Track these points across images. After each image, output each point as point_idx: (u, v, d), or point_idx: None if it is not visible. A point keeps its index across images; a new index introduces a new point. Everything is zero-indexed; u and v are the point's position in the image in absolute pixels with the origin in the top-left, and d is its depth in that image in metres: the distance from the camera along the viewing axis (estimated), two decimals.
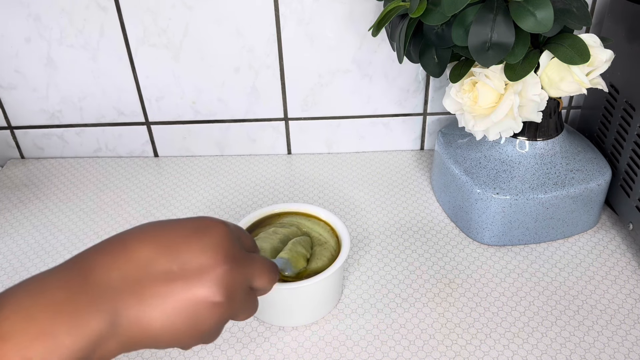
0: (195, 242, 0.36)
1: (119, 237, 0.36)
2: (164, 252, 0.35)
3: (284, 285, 0.53)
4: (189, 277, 0.35)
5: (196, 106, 0.80)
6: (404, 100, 0.79)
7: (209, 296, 0.35)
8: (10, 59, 0.75)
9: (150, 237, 0.36)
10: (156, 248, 0.35)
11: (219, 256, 0.36)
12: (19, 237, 0.70)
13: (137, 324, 0.34)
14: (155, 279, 0.34)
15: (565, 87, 0.57)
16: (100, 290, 0.33)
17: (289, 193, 0.76)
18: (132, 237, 0.36)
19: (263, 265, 0.40)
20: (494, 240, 0.66)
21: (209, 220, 0.38)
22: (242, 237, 0.40)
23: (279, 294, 0.55)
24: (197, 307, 0.35)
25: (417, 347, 0.55)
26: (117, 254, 0.35)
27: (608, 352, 0.54)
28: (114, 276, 0.34)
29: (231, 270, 0.36)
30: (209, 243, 0.36)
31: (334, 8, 0.72)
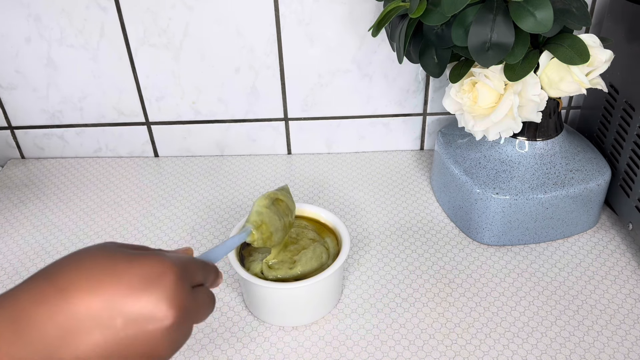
0: (145, 296, 0.33)
1: (55, 282, 0.33)
2: (108, 307, 0.32)
3: (284, 285, 0.53)
4: (134, 333, 0.33)
5: (196, 106, 0.80)
6: (404, 100, 0.80)
7: (154, 352, 0.34)
8: (11, 59, 0.76)
9: (93, 289, 0.32)
10: (100, 302, 0.32)
11: (170, 310, 0.33)
12: (19, 237, 0.70)
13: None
14: (97, 335, 0.32)
15: (564, 87, 0.57)
16: (36, 349, 0.31)
17: None
18: (72, 287, 0.32)
19: (206, 302, 0.38)
20: (493, 240, 0.66)
21: (159, 264, 0.34)
22: (190, 271, 0.37)
23: (279, 294, 0.55)
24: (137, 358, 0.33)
25: (417, 347, 0.55)
26: (57, 307, 0.32)
27: (608, 351, 0.54)
28: (52, 332, 0.31)
29: (180, 323, 0.34)
30: (159, 297, 0.33)
31: (334, 8, 0.72)
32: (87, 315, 0.32)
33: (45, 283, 0.33)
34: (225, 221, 0.72)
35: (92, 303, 0.32)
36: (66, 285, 0.32)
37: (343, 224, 0.59)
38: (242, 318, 0.59)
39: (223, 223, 0.72)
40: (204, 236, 0.69)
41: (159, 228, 0.71)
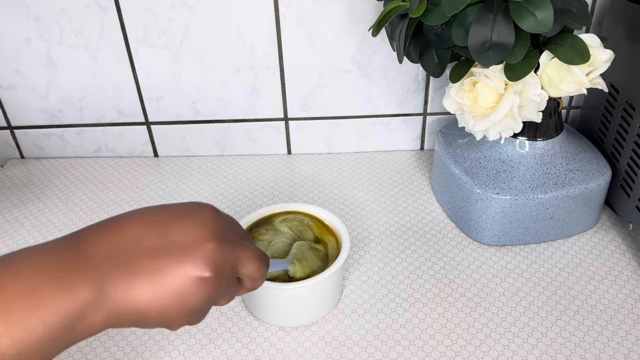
0: (186, 220, 0.37)
1: (115, 217, 0.37)
2: (154, 229, 0.36)
3: (284, 285, 0.53)
4: (178, 253, 0.35)
5: (196, 106, 0.80)
6: (404, 100, 0.79)
7: (198, 272, 0.35)
8: (10, 59, 0.75)
9: (141, 216, 0.37)
10: (146, 225, 0.36)
11: (208, 234, 0.37)
12: (19, 237, 0.70)
13: (124, 297, 0.34)
14: (144, 254, 0.35)
15: (565, 87, 0.57)
16: (89, 261, 0.34)
17: (289, 193, 0.76)
18: (124, 216, 0.37)
19: (253, 252, 0.40)
20: (494, 240, 0.66)
21: (199, 203, 0.39)
22: (232, 224, 0.41)
23: (279, 294, 0.55)
24: (185, 282, 0.35)
25: (417, 347, 0.55)
26: (109, 230, 0.36)
27: (608, 352, 0.54)
28: (103, 249, 0.34)
29: (220, 249, 0.37)
30: (198, 222, 0.37)
31: (334, 8, 0.72)
32: (137, 236, 0.36)
33: (109, 218, 0.37)
34: None
35: (140, 226, 0.36)
36: (122, 216, 0.37)
37: (343, 224, 0.59)
38: (242, 318, 0.59)
39: None
40: None
41: None
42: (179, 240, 0.36)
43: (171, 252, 0.35)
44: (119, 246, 0.35)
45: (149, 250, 0.35)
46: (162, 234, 0.36)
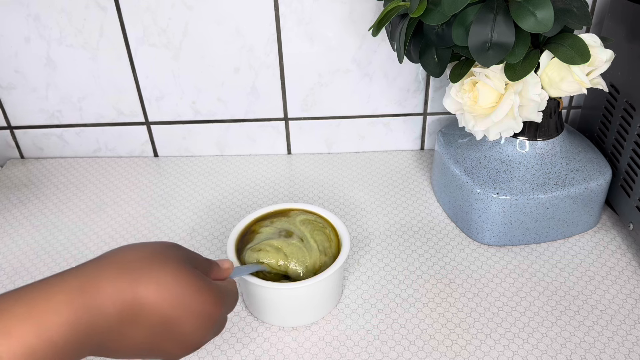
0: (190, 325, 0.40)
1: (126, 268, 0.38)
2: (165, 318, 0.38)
3: (284, 285, 0.53)
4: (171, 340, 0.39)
5: (196, 106, 0.80)
6: (404, 100, 0.79)
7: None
8: (10, 59, 0.75)
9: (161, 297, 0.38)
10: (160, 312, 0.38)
11: (203, 340, 0.42)
12: (19, 237, 0.70)
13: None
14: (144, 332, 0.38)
15: (565, 87, 0.57)
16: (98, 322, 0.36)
17: (289, 193, 0.76)
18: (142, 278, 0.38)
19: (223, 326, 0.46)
20: (494, 240, 0.66)
21: (209, 299, 0.41)
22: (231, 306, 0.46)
23: (279, 294, 0.55)
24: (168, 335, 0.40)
25: (417, 348, 0.55)
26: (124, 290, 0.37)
27: (608, 352, 0.54)
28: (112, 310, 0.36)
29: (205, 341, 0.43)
30: (206, 331, 0.41)
31: (334, 8, 0.71)
32: (148, 310, 0.37)
33: (113, 269, 0.37)
34: (225, 221, 0.72)
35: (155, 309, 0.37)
36: (137, 276, 0.37)
37: (343, 224, 0.59)
38: (242, 318, 0.59)
39: (223, 223, 0.71)
40: (203, 236, 0.69)
41: (158, 228, 0.71)
42: (171, 344, 0.39)
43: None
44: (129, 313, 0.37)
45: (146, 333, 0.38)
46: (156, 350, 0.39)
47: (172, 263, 0.39)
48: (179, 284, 0.38)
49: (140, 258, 0.38)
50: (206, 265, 0.44)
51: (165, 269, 0.38)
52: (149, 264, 0.38)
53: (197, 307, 0.39)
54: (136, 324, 0.37)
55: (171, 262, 0.39)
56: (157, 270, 0.38)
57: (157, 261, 0.39)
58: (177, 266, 0.39)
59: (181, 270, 0.39)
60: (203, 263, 0.43)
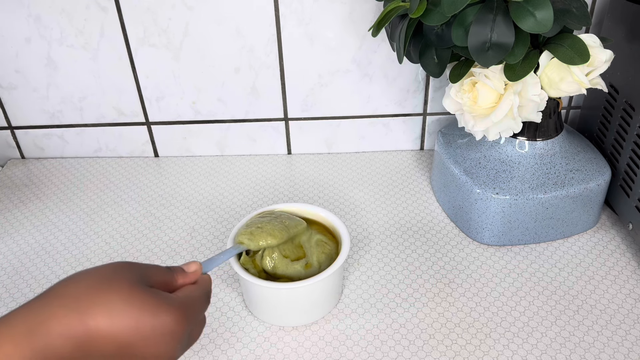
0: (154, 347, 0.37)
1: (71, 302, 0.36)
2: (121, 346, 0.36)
3: (285, 285, 0.53)
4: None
5: (196, 106, 0.80)
6: (404, 100, 0.80)
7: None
8: (11, 59, 0.76)
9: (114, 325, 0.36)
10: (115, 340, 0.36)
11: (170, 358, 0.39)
12: (19, 237, 0.70)
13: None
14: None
15: (565, 87, 0.57)
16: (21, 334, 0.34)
17: (289, 193, 0.76)
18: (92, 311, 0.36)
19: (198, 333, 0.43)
20: (493, 240, 0.66)
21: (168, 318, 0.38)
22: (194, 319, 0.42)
23: (278, 294, 0.55)
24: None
25: (417, 347, 0.55)
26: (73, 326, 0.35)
27: (608, 351, 0.54)
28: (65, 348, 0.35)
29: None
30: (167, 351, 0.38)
31: (334, 8, 0.72)
32: (103, 342, 0.35)
33: (59, 306, 0.35)
34: (225, 221, 0.72)
35: (109, 339, 0.35)
36: (85, 309, 0.35)
37: (343, 224, 0.59)
38: (242, 318, 0.59)
39: (223, 223, 0.72)
40: (203, 236, 0.69)
41: (159, 228, 0.71)
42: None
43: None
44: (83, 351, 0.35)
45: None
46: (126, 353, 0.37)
47: (123, 287, 0.37)
48: (132, 309, 0.36)
49: (87, 287, 0.36)
50: (168, 277, 0.42)
51: (115, 295, 0.36)
52: (97, 293, 0.36)
53: (156, 329, 0.37)
54: (91, 358, 0.35)
55: (122, 285, 0.37)
56: (106, 298, 0.36)
57: (106, 288, 0.36)
58: (129, 289, 0.37)
59: (133, 293, 0.37)
60: (163, 276, 0.41)
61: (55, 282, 0.36)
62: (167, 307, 0.38)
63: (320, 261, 0.57)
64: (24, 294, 0.62)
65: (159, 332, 0.37)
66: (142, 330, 0.36)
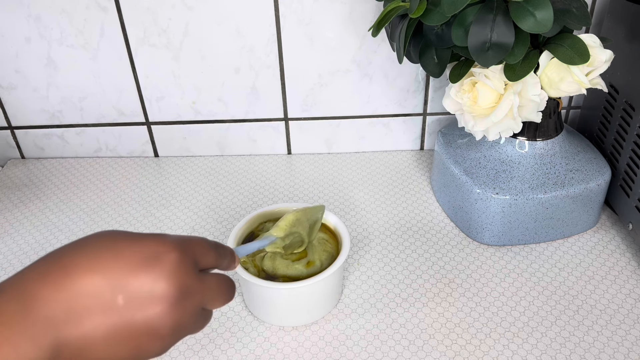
0: (144, 274, 0.33)
1: (61, 262, 0.34)
2: (110, 285, 0.33)
3: (284, 285, 0.53)
4: (133, 311, 0.33)
5: (196, 106, 0.80)
6: (404, 100, 0.80)
7: (153, 329, 0.34)
8: (11, 59, 0.76)
9: (96, 267, 0.33)
10: (101, 280, 0.33)
11: (169, 288, 0.34)
12: (19, 237, 0.70)
13: (80, 356, 0.33)
14: (98, 313, 0.33)
15: (565, 87, 0.57)
16: (42, 326, 0.31)
17: (289, 193, 0.76)
18: (75, 265, 0.33)
19: (218, 287, 0.38)
20: (493, 240, 0.66)
21: (160, 245, 0.35)
22: (198, 255, 0.37)
23: (279, 294, 0.55)
24: (141, 339, 0.34)
25: (416, 347, 0.55)
26: (61, 285, 0.32)
27: (608, 351, 0.54)
28: (57, 310, 0.32)
29: (181, 303, 0.35)
30: (158, 275, 0.34)
31: (334, 8, 0.72)
32: (90, 293, 0.33)
33: (49, 263, 0.34)
34: (225, 221, 0.72)
35: (93, 280, 0.33)
36: (69, 264, 0.33)
37: (343, 224, 0.59)
38: (242, 318, 0.59)
39: (223, 223, 0.72)
40: (203, 236, 0.69)
41: (159, 228, 0.71)
42: (135, 297, 0.33)
43: (127, 311, 0.33)
44: (73, 306, 0.32)
45: (104, 308, 0.33)
46: (117, 290, 0.33)
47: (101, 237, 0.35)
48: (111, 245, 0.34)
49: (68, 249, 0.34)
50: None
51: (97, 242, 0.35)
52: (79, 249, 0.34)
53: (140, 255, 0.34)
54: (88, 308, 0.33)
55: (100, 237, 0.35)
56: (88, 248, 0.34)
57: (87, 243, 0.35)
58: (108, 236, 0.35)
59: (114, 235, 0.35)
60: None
61: None
62: (153, 236, 0.36)
63: (322, 259, 0.57)
64: None
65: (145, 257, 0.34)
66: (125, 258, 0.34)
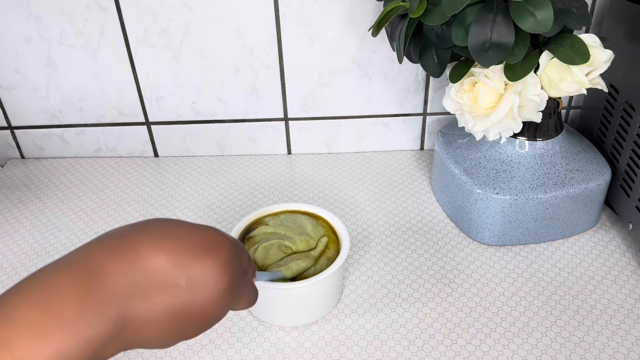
0: (206, 259, 0.36)
1: (129, 239, 0.35)
2: (175, 265, 0.35)
3: (284, 285, 0.53)
4: (193, 292, 0.36)
5: (196, 106, 0.80)
6: (404, 100, 0.80)
7: (205, 312, 0.37)
8: (11, 59, 0.76)
9: (162, 246, 0.35)
10: (168, 258, 0.35)
11: (224, 277, 0.37)
12: (19, 237, 0.70)
13: (139, 330, 0.34)
14: (163, 291, 0.35)
15: (565, 87, 0.57)
16: (111, 299, 0.33)
17: (289, 193, 0.76)
18: (143, 243, 0.35)
19: (250, 292, 0.42)
20: (493, 240, 0.66)
21: (218, 235, 0.38)
22: (242, 256, 0.41)
23: (279, 294, 0.55)
24: (190, 319, 0.36)
25: (417, 347, 0.55)
26: (129, 261, 0.34)
27: (608, 351, 0.54)
28: (125, 284, 0.34)
29: (229, 292, 0.38)
30: (217, 262, 0.37)
31: (334, 8, 0.72)
32: (156, 271, 0.34)
33: (117, 239, 0.35)
34: (225, 221, 0.72)
35: (160, 259, 0.35)
36: (136, 241, 0.35)
37: (343, 224, 0.59)
38: (242, 318, 0.59)
39: (223, 223, 0.72)
40: None
41: None
42: (196, 279, 0.36)
43: (187, 292, 0.36)
44: (140, 281, 0.34)
45: (167, 286, 0.35)
46: (181, 271, 0.35)
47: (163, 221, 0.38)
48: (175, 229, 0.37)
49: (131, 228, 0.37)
50: None
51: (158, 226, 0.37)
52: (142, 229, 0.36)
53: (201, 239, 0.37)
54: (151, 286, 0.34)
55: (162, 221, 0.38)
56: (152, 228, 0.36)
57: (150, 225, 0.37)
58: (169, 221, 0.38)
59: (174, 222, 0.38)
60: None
61: None
62: (210, 227, 0.39)
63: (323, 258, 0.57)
64: None
65: (205, 243, 0.37)
66: (187, 241, 0.36)
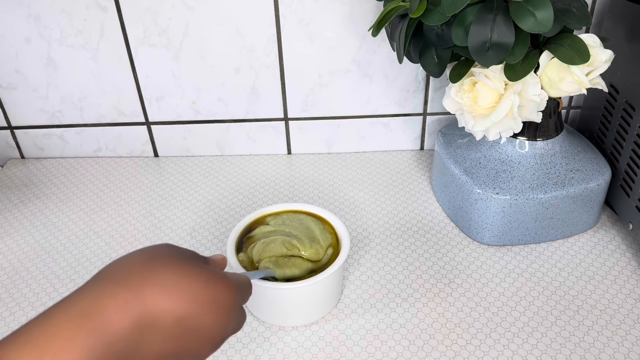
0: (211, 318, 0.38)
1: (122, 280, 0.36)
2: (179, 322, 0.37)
3: (284, 285, 0.53)
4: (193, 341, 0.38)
5: (196, 106, 0.80)
6: (404, 100, 0.80)
7: (200, 354, 0.39)
8: (11, 59, 0.76)
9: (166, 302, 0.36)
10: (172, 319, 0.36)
11: (225, 330, 0.40)
12: (19, 237, 0.70)
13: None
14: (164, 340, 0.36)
15: (565, 87, 0.57)
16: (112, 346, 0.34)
17: (289, 193, 0.76)
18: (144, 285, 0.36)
19: (241, 320, 0.44)
20: (493, 240, 0.66)
21: (226, 291, 0.39)
22: (245, 296, 0.43)
23: (279, 294, 0.55)
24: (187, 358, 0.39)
25: (417, 347, 0.55)
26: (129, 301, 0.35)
27: (608, 352, 0.54)
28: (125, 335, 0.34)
29: (227, 337, 0.41)
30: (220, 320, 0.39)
31: (334, 8, 0.72)
32: (160, 326, 0.35)
33: (112, 283, 0.35)
34: (225, 221, 0.72)
35: (166, 316, 0.35)
36: (139, 284, 0.36)
37: (343, 224, 0.59)
38: None
39: (223, 223, 0.72)
40: (203, 236, 0.69)
41: (158, 228, 0.71)
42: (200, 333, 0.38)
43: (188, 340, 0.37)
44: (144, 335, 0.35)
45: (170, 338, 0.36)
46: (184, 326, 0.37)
47: (172, 262, 0.38)
48: (186, 280, 0.37)
49: (139, 265, 0.37)
50: (202, 260, 0.43)
51: (167, 269, 0.37)
52: (149, 269, 0.37)
53: (211, 297, 0.38)
54: (153, 333, 0.35)
55: (171, 261, 0.38)
56: (159, 273, 0.37)
57: (157, 264, 0.37)
58: (178, 263, 0.38)
59: (183, 267, 0.38)
60: (200, 258, 0.43)
61: (56, 282, 0.36)
62: (217, 278, 0.39)
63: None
64: (24, 294, 0.62)
65: (215, 300, 0.38)
66: (199, 299, 0.37)
